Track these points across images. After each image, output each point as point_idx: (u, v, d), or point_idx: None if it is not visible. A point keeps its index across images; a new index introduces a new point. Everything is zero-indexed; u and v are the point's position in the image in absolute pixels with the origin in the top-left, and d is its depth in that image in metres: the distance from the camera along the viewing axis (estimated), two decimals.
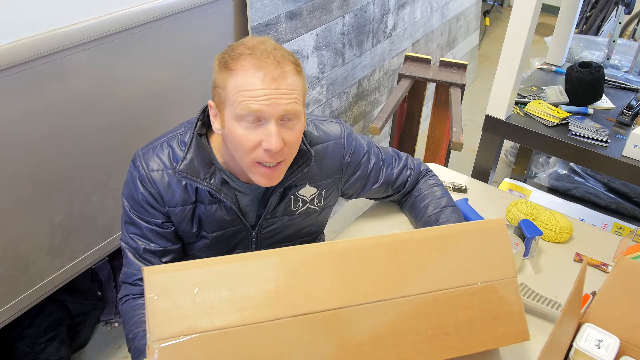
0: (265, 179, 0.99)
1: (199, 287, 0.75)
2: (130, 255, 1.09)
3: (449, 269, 0.90)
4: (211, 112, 1.01)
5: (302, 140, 1.08)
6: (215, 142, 1.07)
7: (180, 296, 0.74)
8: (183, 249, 1.15)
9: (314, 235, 1.28)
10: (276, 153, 0.95)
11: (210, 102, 1.00)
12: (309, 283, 0.81)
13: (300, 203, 1.16)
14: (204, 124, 1.07)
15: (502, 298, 0.92)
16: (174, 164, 1.04)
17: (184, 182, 1.04)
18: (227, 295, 0.76)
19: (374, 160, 1.22)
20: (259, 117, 0.93)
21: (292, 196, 1.13)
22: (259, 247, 1.19)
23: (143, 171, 1.04)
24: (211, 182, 1.04)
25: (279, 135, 0.93)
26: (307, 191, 1.15)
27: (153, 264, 1.07)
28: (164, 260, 1.10)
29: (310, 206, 1.18)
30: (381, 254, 0.87)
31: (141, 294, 1.06)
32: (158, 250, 1.08)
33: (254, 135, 0.94)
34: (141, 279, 1.06)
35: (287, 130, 0.95)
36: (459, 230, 0.94)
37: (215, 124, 1.00)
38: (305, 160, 1.08)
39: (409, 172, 1.28)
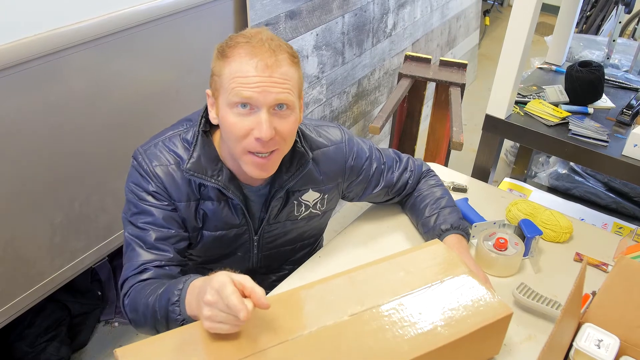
0: (257, 168, 0.98)
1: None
2: (137, 247, 1.01)
3: (407, 281, 0.98)
4: (208, 102, 1.01)
5: (300, 142, 1.07)
6: (217, 139, 1.07)
7: None
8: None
9: (314, 238, 1.28)
10: (267, 142, 0.94)
11: (208, 91, 1.00)
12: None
13: (303, 208, 1.16)
14: (207, 121, 1.06)
15: (470, 289, 0.97)
16: (178, 160, 1.03)
17: (188, 179, 1.04)
18: None
19: (375, 165, 1.22)
20: (250, 105, 0.92)
21: (295, 201, 1.13)
22: (261, 251, 1.18)
23: (147, 166, 1.03)
24: (219, 179, 1.03)
25: (270, 123, 0.93)
26: (310, 196, 1.15)
27: (165, 252, 1.01)
28: (177, 247, 1.03)
29: (313, 210, 1.18)
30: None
31: (148, 279, 0.99)
32: (171, 235, 1.03)
33: (245, 123, 0.93)
34: (148, 266, 1.00)
35: (279, 119, 0.95)
36: (401, 255, 1.04)
37: (212, 112, 1.00)
38: (303, 162, 1.07)
39: (408, 174, 1.28)
